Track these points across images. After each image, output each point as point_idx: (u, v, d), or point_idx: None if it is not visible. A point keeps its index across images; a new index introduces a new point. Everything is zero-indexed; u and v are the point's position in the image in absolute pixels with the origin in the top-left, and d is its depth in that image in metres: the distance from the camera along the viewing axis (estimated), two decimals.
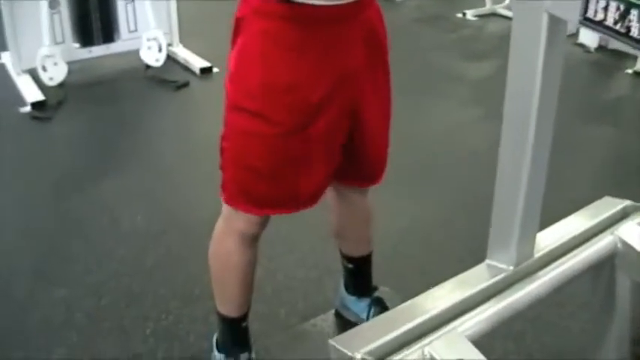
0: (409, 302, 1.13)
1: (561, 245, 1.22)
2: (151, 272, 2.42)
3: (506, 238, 1.15)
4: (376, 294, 2.06)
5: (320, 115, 1.50)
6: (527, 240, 1.16)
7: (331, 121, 1.52)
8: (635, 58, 4.34)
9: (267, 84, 1.47)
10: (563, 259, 1.20)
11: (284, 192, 1.58)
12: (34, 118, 3.53)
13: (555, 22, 0.94)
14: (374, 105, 1.63)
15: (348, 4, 1.45)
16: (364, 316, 2.03)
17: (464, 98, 4.05)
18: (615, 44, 4.55)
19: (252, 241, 1.70)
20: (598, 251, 1.24)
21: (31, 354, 2.07)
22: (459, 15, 5.66)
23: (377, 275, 2.30)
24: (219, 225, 1.73)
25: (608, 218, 1.32)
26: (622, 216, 1.35)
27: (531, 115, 1.02)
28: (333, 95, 1.50)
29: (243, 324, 1.86)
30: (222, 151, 1.59)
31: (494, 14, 5.68)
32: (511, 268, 1.15)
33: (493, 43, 5.14)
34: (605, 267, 1.28)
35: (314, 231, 2.63)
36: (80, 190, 2.94)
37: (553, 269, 1.17)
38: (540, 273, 1.16)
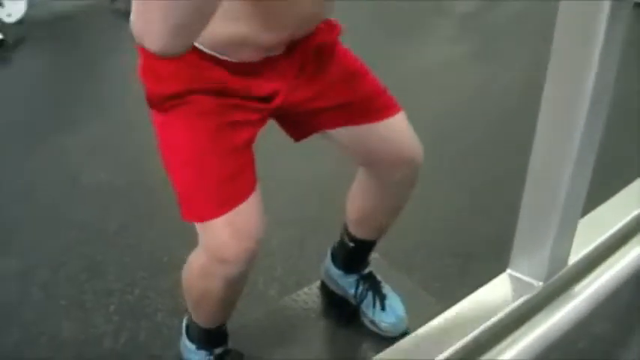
0: (421, 331, 0.87)
1: (597, 248, 0.97)
2: (115, 238, 2.15)
3: (537, 245, 0.89)
4: (367, 270, 1.80)
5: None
6: (563, 248, 0.90)
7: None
8: None
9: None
10: (602, 267, 0.95)
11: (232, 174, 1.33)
12: None
13: None
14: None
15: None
16: (352, 292, 1.79)
17: (451, 35, 3.71)
18: None
19: (241, 278, 1.40)
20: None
21: None
22: None
23: None
24: (200, 257, 1.41)
25: None
26: None
27: (583, 105, 0.75)
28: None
29: (222, 327, 1.62)
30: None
31: None
32: (540, 283, 0.90)
33: None
34: None
35: (291, 181, 2.37)
36: (37, 142, 2.62)
37: (591, 283, 0.92)
38: (576, 289, 0.91)
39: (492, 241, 2.02)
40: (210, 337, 1.61)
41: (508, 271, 0.94)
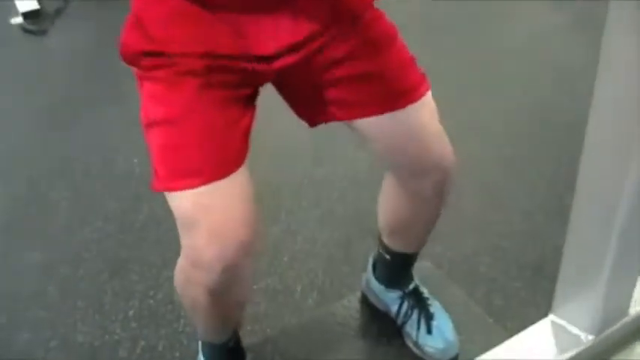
0: None
1: None
2: (143, 232, 2.10)
3: (586, 289, 0.75)
4: (412, 285, 1.68)
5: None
6: (621, 295, 0.76)
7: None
8: None
9: None
10: None
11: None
12: (27, 31, 3.17)
13: None
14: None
15: None
16: (395, 309, 1.67)
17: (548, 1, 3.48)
18: None
19: (224, 290, 1.24)
20: None
21: None
22: None
23: None
24: (181, 260, 1.31)
25: None
26: None
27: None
28: None
29: (230, 344, 1.53)
30: None
31: None
32: (590, 337, 0.76)
33: None
34: None
35: (341, 175, 2.27)
36: (72, 122, 2.60)
37: None
38: (638, 348, 0.76)
39: None
40: (222, 356, 1.52)
41: (551, 316, 0.80)
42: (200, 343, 1.60)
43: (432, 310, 1.65)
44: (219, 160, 1.18)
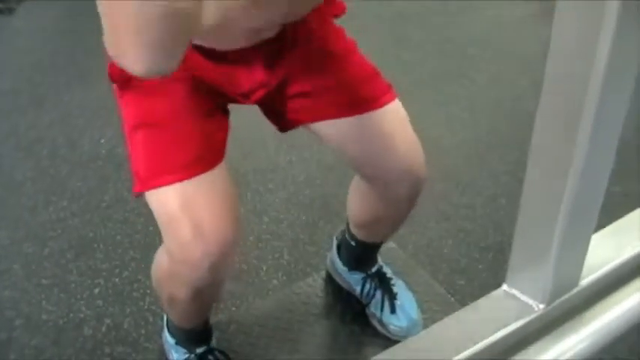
0: (396, 349, 0.78)
1: (616, 268, 0.83)
2: (109, 212, 2.09)
3: (538, 259, 0.77)
4: (375, 268, 1.70)
5: None
6: (572, 265, 0.78)
7: None
8: None
9: None
10: (621, 292, 0.82)
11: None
12: None
13: None
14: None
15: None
16: (358, 289, 1.69)
17: None
18: None
19: (208, 287, 1.26)
20: None
21: None
22: None
23: None
24: (164, 257, 1.29)
25: None
26: None
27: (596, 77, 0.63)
28: None
29: (202, 327, 1.55)
30: None
31: None
32: (541, 306, 0.78)
33: None
34: None
35: (307, 160, 2.30)
36: (38, 103, 2.58)
37: (605, 310, 0.80)
38: (586, 317, 0.79)
39: None
40: (189, 337, 1.54)
41: (504, 286, 0.82)
42: (167, 320, 1.61)
43: (395, 289, 1.67)
44: (203, 156, 1.20)
